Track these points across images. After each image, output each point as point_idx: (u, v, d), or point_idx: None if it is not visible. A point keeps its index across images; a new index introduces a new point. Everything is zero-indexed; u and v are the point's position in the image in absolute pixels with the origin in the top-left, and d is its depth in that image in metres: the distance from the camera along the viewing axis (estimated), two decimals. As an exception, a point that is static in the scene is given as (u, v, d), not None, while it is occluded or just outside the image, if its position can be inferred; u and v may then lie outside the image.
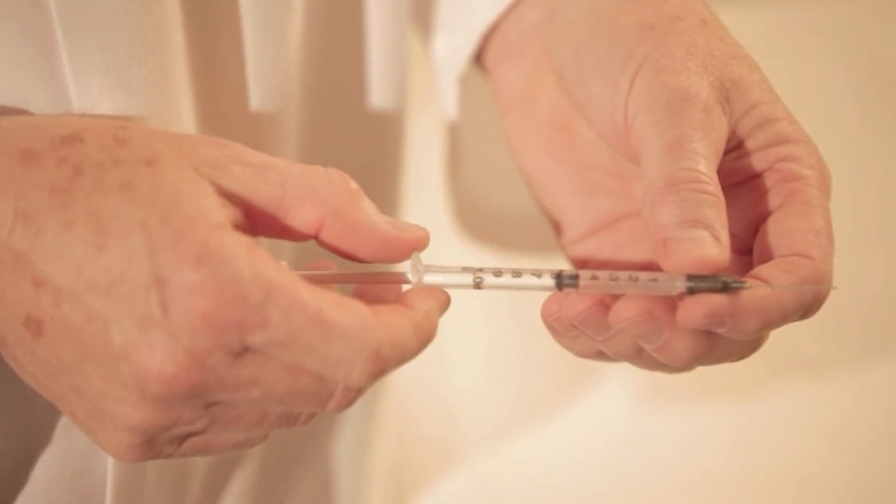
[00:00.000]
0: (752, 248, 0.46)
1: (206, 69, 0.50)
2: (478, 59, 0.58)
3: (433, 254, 0.44)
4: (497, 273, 0.44)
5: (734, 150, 0.46)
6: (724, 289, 0.42)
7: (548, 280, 0.44)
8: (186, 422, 0.40)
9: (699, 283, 0.42)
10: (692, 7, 0.47)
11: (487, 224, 0.75)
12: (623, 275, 0.43)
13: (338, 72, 0.60)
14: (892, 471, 0.81)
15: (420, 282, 0.44)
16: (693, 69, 0.45)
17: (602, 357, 0.47)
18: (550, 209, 0.54)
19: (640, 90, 0.45)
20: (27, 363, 0.40)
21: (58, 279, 0.38)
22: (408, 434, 0.83)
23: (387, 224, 0.43)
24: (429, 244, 0.44)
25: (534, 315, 0.46)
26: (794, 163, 0.45)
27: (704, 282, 0.42)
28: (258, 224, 0.42)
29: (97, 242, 0.38)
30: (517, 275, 0.44)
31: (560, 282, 0.44)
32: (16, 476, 0.50)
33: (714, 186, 0.43)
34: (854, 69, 1.01)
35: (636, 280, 0.43)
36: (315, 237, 0.43)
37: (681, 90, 0.44)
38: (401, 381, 0.79)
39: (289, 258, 0.42)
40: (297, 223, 0.42)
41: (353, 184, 0.43)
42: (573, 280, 0.44)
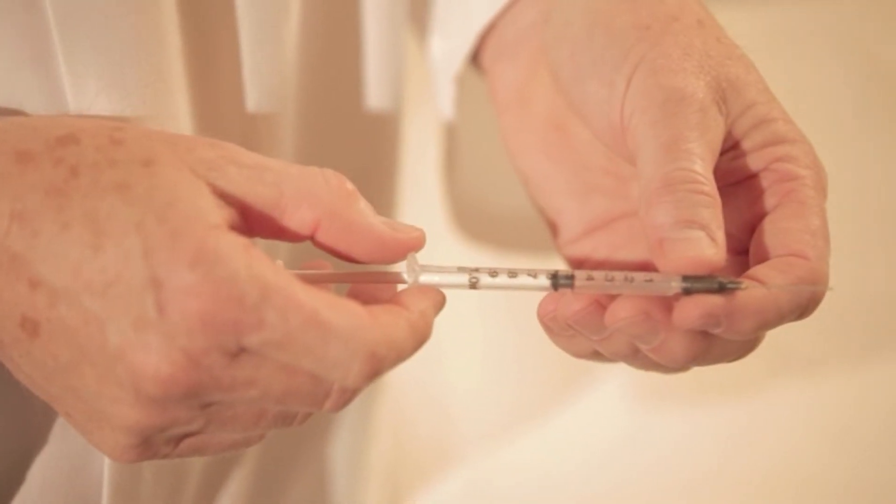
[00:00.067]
0: (749, 249, 0.46)
1: (203, 70, 0.50)
2: (474, 60, 0.58)
3: (429, 254, 0.44)
4: (493, 273, 0.44)
5: (730, 151, 0.46)
6: (721, 289, 0.42)
7: (544, 280, 0.44)
8: (183, 422, 0.40)
9: (695, 284, 0.42)
10: (688, 7, 0.47)
11: (484, 224, 0.75)
12: (619, 275, 0.43)
13: (334, 72, 0.59)
14: (891, 471, 0.80)
15: (416, 282, 0.44)
16: (689, 69, 0.45)
17: (598, 357, 0.47)
18: (547, 209, 0.54)
19: (637, 90, 0.45)
20: (23, 364, 0.40)
21: (54, 280, 0.38)
22: (404, 434, 0.83)
23: (383, 225, 0.43)
24: (425, 245, 0.44)
25: (530, 315, 0.46)
26: (791, 163, 0.45)
27: (700, 282, 0.42)
28: (254, 225, 0.42)
29: (93, 243, 0.38)
30: (513, 275, 0.44)
31: (556, 282, 0.44)
32: (12, 476, 0.50)
33: (710, 187, 0.43)
34: (854, 69, 1.01)
35: (632, 280, 0.43)
36: (311, 238, 0.43)
37: (677, 90, 0.44)
38: (397, 382, 0.79)
39: (285, 258, 0.42)
40: (294, 224, 0.42)
41: (350, 184, 0.43)
42: (569, 280, 0.44)
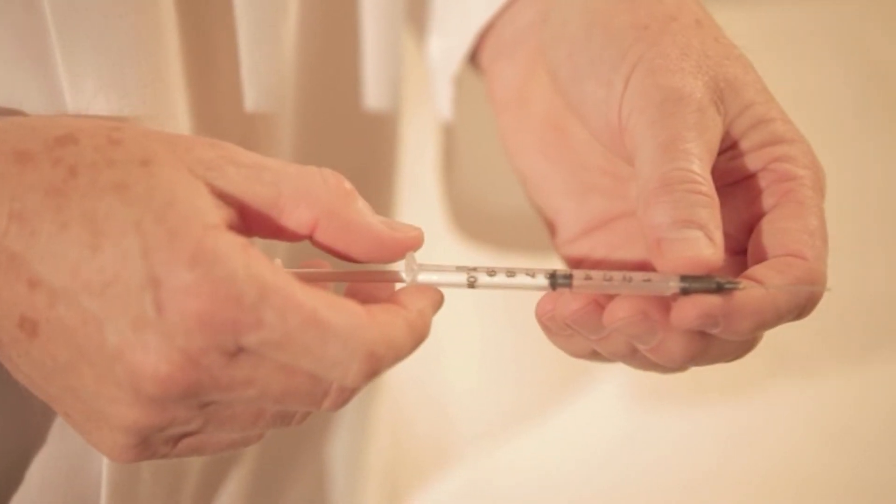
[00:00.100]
0: (747, 249, 0.46)
1: (201, 70, 0.50)
2: (472, 60, 0.58)
3: (428, 253, 0.44)
4: (491, 272, 0.44)
5: (728, 151, 0.46)
6: (718, 289, 0.42)
7: (542, 280, 0.44)
8: (181, 422, 0.40)
9: (693, 284, 0.42)
10: (686, 7, 0.47)
11: (482, 224, 0.75)
12: (617, 275, 0.43)
13: (332, 72, 0.59)
14: (890, 470, 0.80)
15: (414, 281, 0.44)
16: (687, 69, 0.45)
17: (596, 357, 0.47)
18: (545, 209, 0.54)
19: (635, 90, 0.45)
20: (22, 364, 0.40)
21: (53, 280, 0.38)
22: (402, 433, 0.83)
23: (381, 224, 0.43)
24: (423, 244, 0.44)
25: (528, 315, 0.46)
26: (789, 163, 0.45)
27: (698, 282, 0.42)
28: (252, 224, 0.42)
29: (92, 243, 0.38)
30: (511, 274, 0.44)
31: (554, 281, 0.44)
32: (11, 476, 0.50)
33: (708, 187, 0.43)
34: (854, 69, 1.01)
35: (630, 280, 0.43)
36: (309, 237, 0.43)
37: (675, 90, 0.44)
38: (395, 381, 0.79)
39: (283, 258, 0.42)
40: (292, 223, 0.42)
41: (348, 184, 0.43)
42: (567, 280, 0.44)
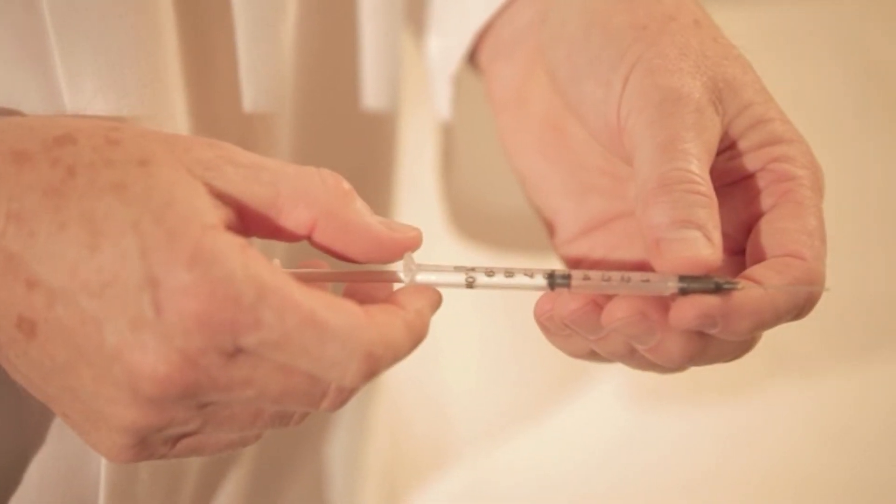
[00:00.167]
0: (745, 249, 0.46)
1: (200, 70, 0.50)
2: (471, 59, 0.58)
3: (426, 254, 0.44)
4: (489, 273, 0.44)
5: (727, 151, 0.46)
6: (717, 289, 0.41)
7: (540, 280, 0.44)
8: (179, 422, 0.40)
9: (691, 284, 0.42)
10: (685, 7, 0.47)
11: (481, 224, 0.75)
12: (615, 275, 0.43)
13: (331, 72, 0.59)
14: (889, 470, 0.80)
15: (412, 281, 0.44)
16: (686, 69, 0.45)
17: (595, 357, 0.47)
18: (543, 209, 0.54)
19: (633, 90, 0.45)
20: (20, 364, 0.40)
21: (51, 280, 0.38)
22: (401, 434, 0.83)
23: (380, 224, 0.43)
24: (422, 244, 0.44)
25: (526, 315, 0.46)
26: (787, 163, 0.45)
27: (697, 282, 0.42)
28: (251, 225, 0.42)
29: (90, 243, 0.38)
30: (509, 274, 0.44)
31: (552, 281, 0.44)
32: (9, 477, 0.50)
33: (706, 187, 0.43)
34: (853, 69, 1.01)
35: (628, 280, 0.43)
36: (308, 238, 0.43)
37: (673, 90, 0.44)
38: (394, 381, 0.79)
39: (281, 258, 0.42)
40: (290, 224, 0.42)
41: (346, 184, 0.43)
42: (565, 280, 0.44)
